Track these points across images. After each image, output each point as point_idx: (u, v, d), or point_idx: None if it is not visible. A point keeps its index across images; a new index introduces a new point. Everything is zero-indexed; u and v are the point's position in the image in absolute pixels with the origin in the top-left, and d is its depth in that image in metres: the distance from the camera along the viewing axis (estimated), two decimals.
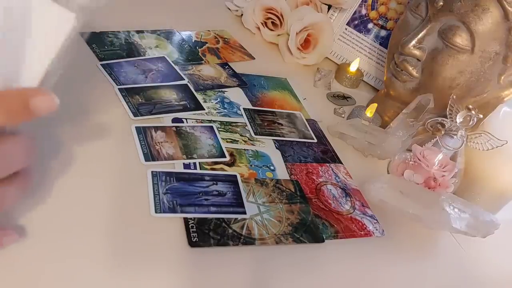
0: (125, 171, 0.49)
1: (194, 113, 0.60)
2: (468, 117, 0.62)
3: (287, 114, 0.68)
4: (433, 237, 0.59)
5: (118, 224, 0.44)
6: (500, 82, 0.65)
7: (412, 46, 0.64)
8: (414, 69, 0.66)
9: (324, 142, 0.66)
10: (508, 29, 0.60)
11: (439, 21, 0.63)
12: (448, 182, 0.60)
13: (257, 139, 0.61)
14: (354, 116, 0.71)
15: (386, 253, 0.54)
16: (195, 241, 0.45)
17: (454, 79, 0.64)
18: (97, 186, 0.47)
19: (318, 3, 0.83)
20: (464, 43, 0.61)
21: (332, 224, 0.53)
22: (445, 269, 0.56)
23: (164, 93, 0.62)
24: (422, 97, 0.65)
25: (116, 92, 0.59)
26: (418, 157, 0.61)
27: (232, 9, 0.89)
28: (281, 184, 0.55)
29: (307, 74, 0.80)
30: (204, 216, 0.47)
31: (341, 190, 0.58)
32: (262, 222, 0.49)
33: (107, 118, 0.55)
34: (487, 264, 0.60)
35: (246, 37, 0.82)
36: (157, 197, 0.47)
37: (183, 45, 0.73)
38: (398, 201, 0.56)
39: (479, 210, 0.56)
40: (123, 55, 0.66)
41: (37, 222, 0.41)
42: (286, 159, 0.60)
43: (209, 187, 0.51)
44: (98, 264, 0.40)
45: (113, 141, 0.52)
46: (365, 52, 0.84)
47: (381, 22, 0.82)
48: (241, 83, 0.70)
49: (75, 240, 0.41)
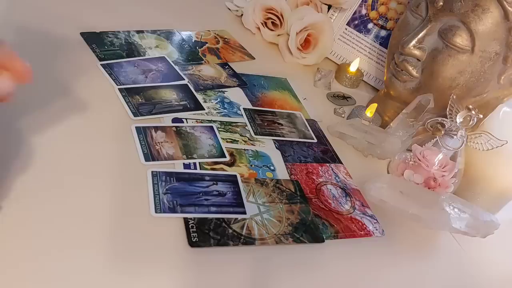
0: (125, 171, 0.49)
1: (194, 113, 0.60)
2: (468, 117, 0.62)
3: (287, 114, 0.68)
4: (433, 237, 0.59)
5: (118, 224, 0.44)
6: (500, 82, 0.65)
7: (412, 46, 0.64)
8: (414, 69, 0.66)
9: (324, 142, 0.66)
10: (508, 29, 0.60)
11: (439, 21, 0.63)
12: (448, 182, 0.60)
13: (257, 139, 0.61)
14: (354, 116, 0.71)
15: (386, 253, 0.54)
16: (195, 241, 0.45)
17: (454, 79, 0.64)
18: (97, 186, 0.47)
19: (318, 3, 0.83)
20: (464, 43, 0.61)
21: (332, 224, 0.53)
22: (445, 269, 0.56)
23: (164, 93, 0.62)
24: (422, 97, 0.65)
25: (116, 92, 0.59)
26: (418, 157, 0.61)
27: (232, 9, 0.89)
28: (281, 184, 0.55)
29: (307, 74, 0.80)
30: (204, 216, 0.47)
31: (341, 190, 0.58)
32: (262, 222, 0.49)
33: (107, 118, 0.55)
34: (487, 264, 0.60)
35: (246, 37, 0.82)
36: (157, 197, 0.47)
37: (183, 45, 0.73)
38: (398, 201, 0.56)
39: (479, 210, 0.56)
40: (123, 55, 0.66)
41: (37, 222, 0.41)
42: (286, 159, 0.60)
43: (209, 187, 0.51)
44: (98, 264, 0.40)
45: (113, 141, 0.52)
46: (365, 52, 0.84)
47: (381, 22, 0.82)
48: (241, 83, 0.70)
49: (75, 240, 0.41)
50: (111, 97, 0.58)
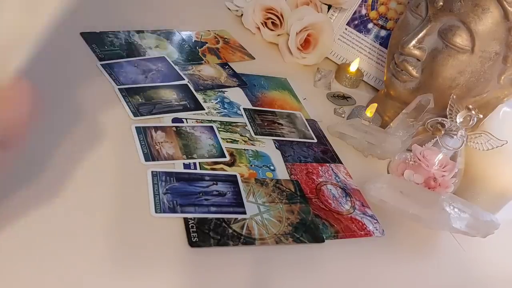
0: (125, 171, 0.49)
1: (194, 113, 0.60)
2: (468, 117, 0.62)
3: (287, 114, 0.68)
4: (433, 237, 0.59)
5: (118, 224, 0.44)
6: (500, 82, 0.65)
7: (412, 46, 0.64)
8: (414, 69, 0.66)
9: (324, 142, 0.66)
10: (508, 29, 0.60)
11: (439, 21, 0.63)
12: (448, 182, 0.60)
13: (257, 139, 0.61)
14: (354, 116, 0.71)
15: (386, 253, 0.54)
16: (195, 241, 0.45)
17: (454, 79, 0.64)
18: (97, 186, 0.47)
19: (318, 3, 0.83)
20: (464, 43, 0.61)
21: (332, 224, 0.53)
22: (445, 269, 0.56)
23: (164, 93, 0.62)
24: (422, 97, 0.65)
25: (116, 92, 0.59)
26: (418, 157, 0.61)
27: (232, 9, 0.89)
28: (281, 184, 0.55)
29: (307, 74, 0.80)
30: (204, 216, 0.47)
31: (341, 190, 0.58)
32: (262, 222, 0.49)
33: (107, 118, 0.55)
34: (487, 264, 0.60)
35: (246, 37, 0.82)
36: (157, 197, 0.47)
37: (183, 45, 0.73)
38: (398, 201, 0.56)
39: (479, 210, 0.56)
40: (123, 55, 0.66)
41: (37, 222, 0.41)
42: (286, 159, 0.60)
43: (209, 187, 0.51)
44: (98, 264, 0.40)
45: (113, 141, 0.52)
46: (365, 52, 0.84)
47: (381, 22, 0.82)
48: (241, 83, 0.70)
49: (75, 240, 0.41)
50: (111, 97, 0.58)
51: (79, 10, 0.71)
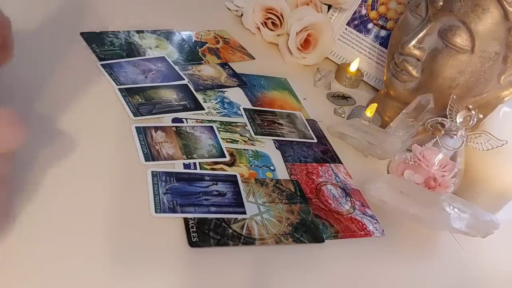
0: (125, 171, 0.49)
1: (194, 113, 0.60)
2: (468, 117, 0.62)
3: (287, 114, 0.68)
4: (433, 237, 0.59)
5: (118, 224, 0.44)
6: (500, 82, 0.65)
7: (412, 46, 0.64)
8: (414, 69, 0.66)
9: (324, 142, 0.66)
10: (508, 29, 0.60)
11: (439, 21, 0.63)
12: (448, 182, 0.60)
13: (257, 139, 0.61)
14: (354, 116, 0.71)
15: (386, 253, 0.54)
16: (195, 241, 0.45)
17: (454, 79, 0.64)
18: (97, 186, 0.47)
19: (318, 3, 0.83)
20: (464, 43, 0.61)
21: (332, 224, 0.53)
22: (445, 269, 0.56)
23: (164, 93, 0.62)
24: (422, 97, 0.65)
25: (116, 92, 0.59)
26: (418, 157, 0.61)
27: (232, 9, 0.89)
28: (281, 184, 0.55)
29: (307, 74, 0.80)
30: (204, 216, 0.47)
31: (341, 190, 0.58)
32: (262, 222, 0.49)
33: (107, 118, 0.55)
34: (487, 264, 0.60)
35: (246, 37, 0.82)
36: (157, 197, 0.47)
37: (183, 45, 0.73)
38: (398, 201, 0.56)
39: (479, 210, 0.56)
40: (123, 55, 0.66)
41: (37, 222, 0.41)
42: (286, 159, 0.60)
43: (209, 187, 0.51)
44: (98, 264, 0.40)
45: (113, 141, 0.52)
46: (365, 52, 0.84)
47: (381, 22, 0.82)
48: (241, 83, 0.70)
49: (75, 240, 0.41)
50: (111, 97, 0.58)
51: (79, 10, 0.72)
